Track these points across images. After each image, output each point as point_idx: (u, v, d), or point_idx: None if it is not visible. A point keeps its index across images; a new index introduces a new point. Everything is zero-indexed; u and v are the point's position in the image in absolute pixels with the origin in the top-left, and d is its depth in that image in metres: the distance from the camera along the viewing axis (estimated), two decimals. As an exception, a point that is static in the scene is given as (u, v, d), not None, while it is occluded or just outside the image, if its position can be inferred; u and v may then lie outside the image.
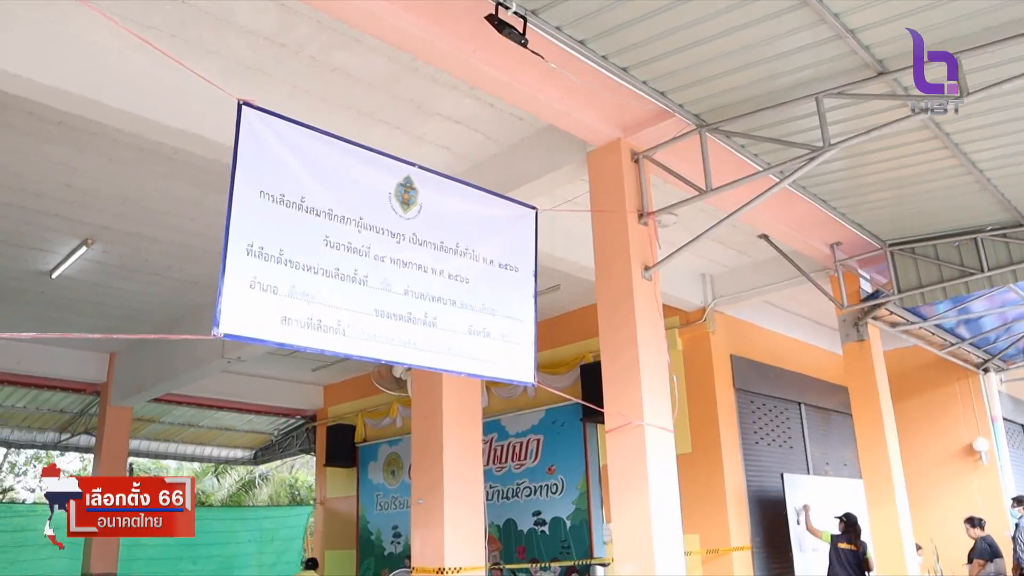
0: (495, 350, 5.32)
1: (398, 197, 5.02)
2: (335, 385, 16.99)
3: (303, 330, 4.40)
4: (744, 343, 11.52)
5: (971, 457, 12.79)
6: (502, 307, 5.40)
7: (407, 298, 4.91)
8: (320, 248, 4.59)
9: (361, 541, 15.93)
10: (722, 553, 10.35)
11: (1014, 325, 12.26)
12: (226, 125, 4.44)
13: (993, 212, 7.92)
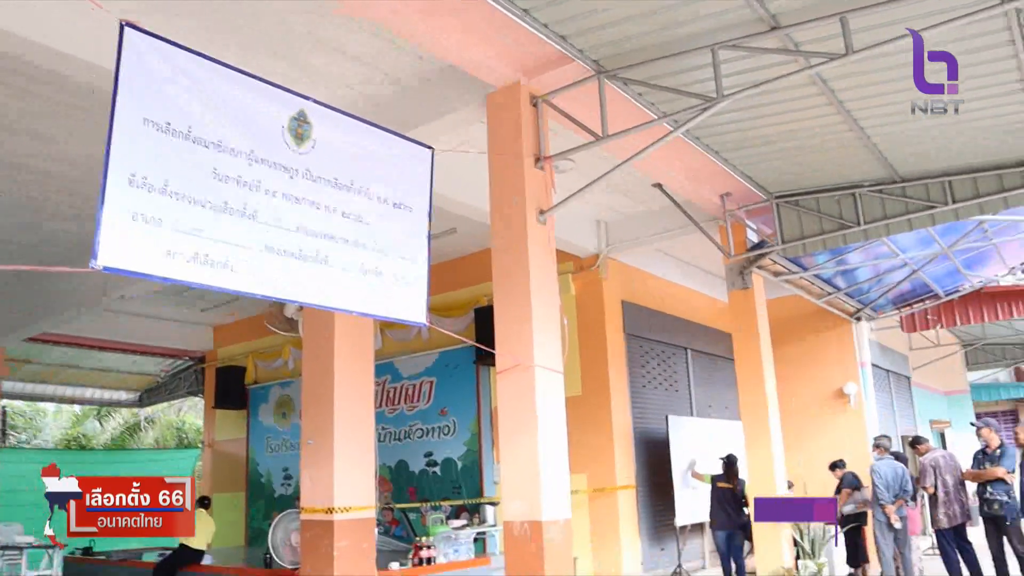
0: (387, 290, 5.28)
1: (291, 131, 4.88)
2: (225, 326, 16.60)
3: (188, 265, 4.26)
4: (635, 289, 11.81)
5: (841, 400, 13.55)
6: (395, 247, 5.35)
7: (298, 235, 4.81)
8: (208, 181, 4.42)
9: (251, 484, 15.79)
10: (608, 492, 10.71)
11: (885, 277, 12.94)
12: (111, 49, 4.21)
13: (871, 169, 8.28)
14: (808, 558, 9.15)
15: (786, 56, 6.01)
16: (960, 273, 13.09)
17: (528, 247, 5.98)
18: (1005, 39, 5.81)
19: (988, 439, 9.51)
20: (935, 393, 19.98)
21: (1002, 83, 6.43)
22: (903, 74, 6.37)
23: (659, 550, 11.49)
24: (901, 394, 17.01)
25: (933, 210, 8.28)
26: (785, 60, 6.11)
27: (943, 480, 9.62)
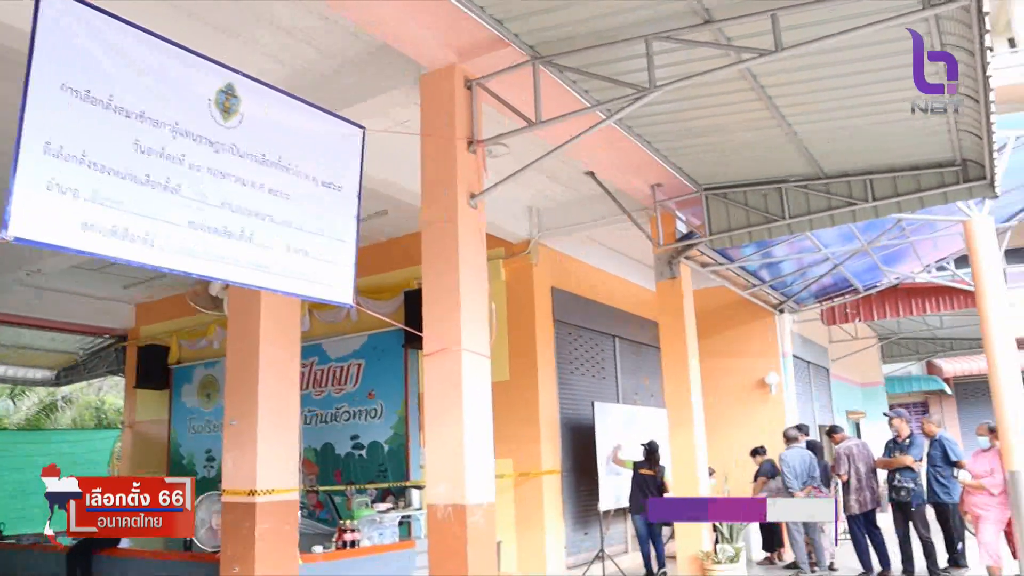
0: (314, 269, 5.21)
1: (219, 104, 4.77)
2: (148, 304, 16.16)
3: (106, 238, 4.13)
4: (565, 276, 11.89)
5: (763, 389, 13.91)
6: (323, 226, 5.29)
7: (223, 211, 4.71)
8: (129, 152, 4.29)
9: (172, 465, 15.45)
10: (533, 476, 10.79)
11: (808, 270, 13.31)
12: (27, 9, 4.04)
13: (798, 164, 8.47)
14: (726, 542, 9.38)
15: (718, 50, 6.10)
16: (879, 269, 13.54)
17: (458, 231, 5.96)
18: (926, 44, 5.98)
19: (899, 429, 9.88)
20: (852, 384, 20.65)
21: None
22: (830, 72, 6.56)
23: (583, 534, 11.64)
24: (820, 385, 17.54)
25: (854, 207, 8.52)
26: (717, 54, 6.21)
27: (856, 468, 9.97)
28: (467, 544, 5.64)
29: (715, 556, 9.27)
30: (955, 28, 5.60)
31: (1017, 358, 9.03)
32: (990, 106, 6.28)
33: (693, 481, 9.70)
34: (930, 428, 9.87)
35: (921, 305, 14.72)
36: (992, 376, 8.93)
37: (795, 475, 10.26)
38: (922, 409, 25.96)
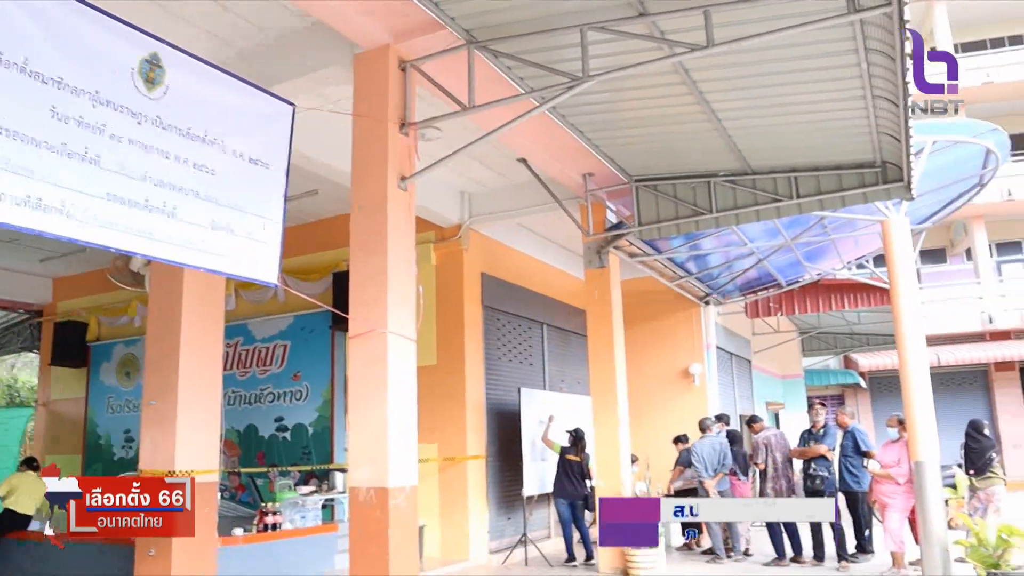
0: (239, 247, 5.12)
1: (142, 74, 4.63)
2: (66, 278, 15.65)
3: (18, 208, 3.98)
4: (495, 262, 11.91)
5: (686, 379, 14.19)
6: (249, 203, 5.20)
7: (145, 184, 4.59)
8: (45, 119, 4.15)
9: (88, 446, 15.03)
10: (458, 461, 10.83)
11: (734, 264, 13.60)
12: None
13: (726, 160, 8.63)
14: (646, 528, 9.53)
15: (652, 43, 6.17)
16: (801, 265, 13.91)
17: (388, 213, 5.93)
18: (851, 48, 6.15)
19: (815, 418, 10.20)
20: (773, 376, 21.20)
21: (846, 88, 6.80)
22: (760, 71, 6.70)
23: (506, 519, 11.73)
24: (742, 376, 17.97)
25: (779, 203, 8.72)
26: (651, 47, 6.27)
27: (773, 457, 10.25)
28: (388, 527, 5.64)
29: (635, 541, 9.43)
30: (878, 34, 5.77)
31: (926, 354, 9.38)
32: (907, 111, 6.48)
33: (616, 468, 9.86)
34: (844, 419, 10.19)
35: (840, 301, 15.18)
36: (903, 371, 9.26)
37: (704, 465, 10.51)
38: (839, 401, 26.80)
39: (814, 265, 14.39)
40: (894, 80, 6.19)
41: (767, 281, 14.93)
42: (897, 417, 9.54)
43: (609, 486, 9.83)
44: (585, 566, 10.31)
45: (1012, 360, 25.81)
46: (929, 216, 13.37)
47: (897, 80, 6.09)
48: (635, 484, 10.09)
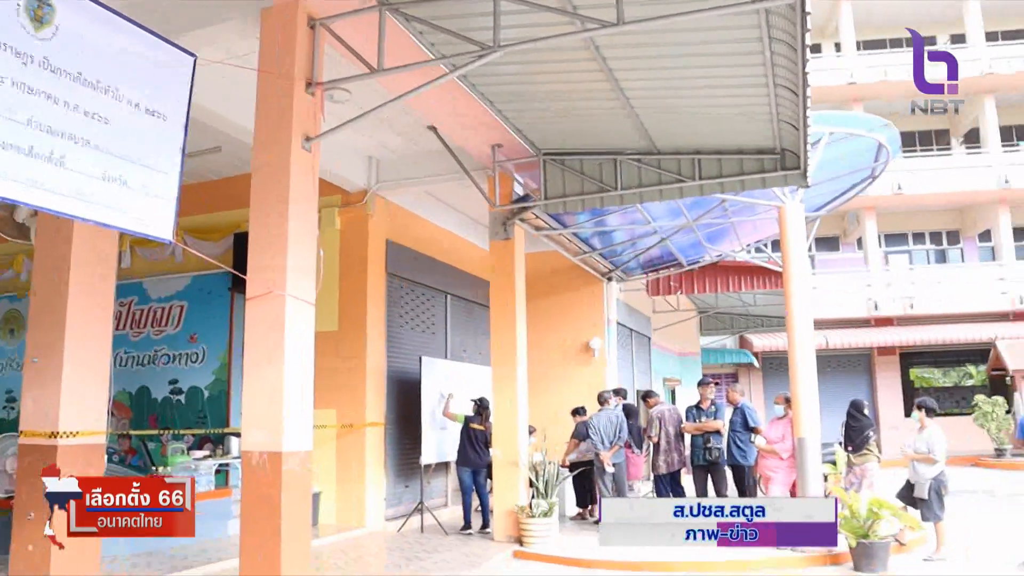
0: (132, 201, 4.92)
1: (28, 11, 4.37)
2: (-56, 228, 14.79)
3: None
4: (401, 229, 11.83)
5: (587, 353, 14.43)
6: (144, 156, 4.99)
7: (31, 130, 4.35)
8: (-81, 56, 3.90)
9: (-34, 404, 14.36)
10: (356, 428, 10.78)
11: (638, 242, 13.86)
12: None
13: (633, 138, 8.77)
14: (541, 498, 9.71)
15: (564, 17, 6.19)
16: (702, 245, 14.28)
17: (290, 173, 5.81)
18: (756, 36, 6.31)
19: (706, 395, 10.55)
20: (671, 353, 21.76)
21: (751, 75, 6.98)
22: (668, 52, 6.81)
23: (403, 487, 11.76)
24: (641, 352, 18.38)
25: (682, 184, 8.92)
26: (563, 21, 6.29)
27: (666, 431, 10.57)
28: (281, 492, 5.58)
29: (530, 510, 9.59)
30: (782, 24, 5.94)
31: (813, 337, 9.79)
32: (807, 100, 6.70)
33: (513, 438, 9.98)
34: (734, 396, 10.57)
35: (737, 283, 15.65)
36: (791, 352, 9.65)
37: (601, 437, 10.75)
38: (733, 380, 27.74)
39: (714, 247, 14.79)
40: (795, 70, 6.39)
41: (669, 260, 15.28)
42: (784, 395, 9.95)
43: (506, 456, 9.96)
44: (480, 534, 10.44)
45: (893, 346, 27.20)
46: (824, 205, 13.90)
47: (798, 70, 6.28)
48: (532, 455, 10.24)
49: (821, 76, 27.23)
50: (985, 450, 23.49)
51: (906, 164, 27.40)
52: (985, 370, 27.03)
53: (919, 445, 8.92)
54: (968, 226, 29.01)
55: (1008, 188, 26.66)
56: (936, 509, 8.74)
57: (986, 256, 28.77)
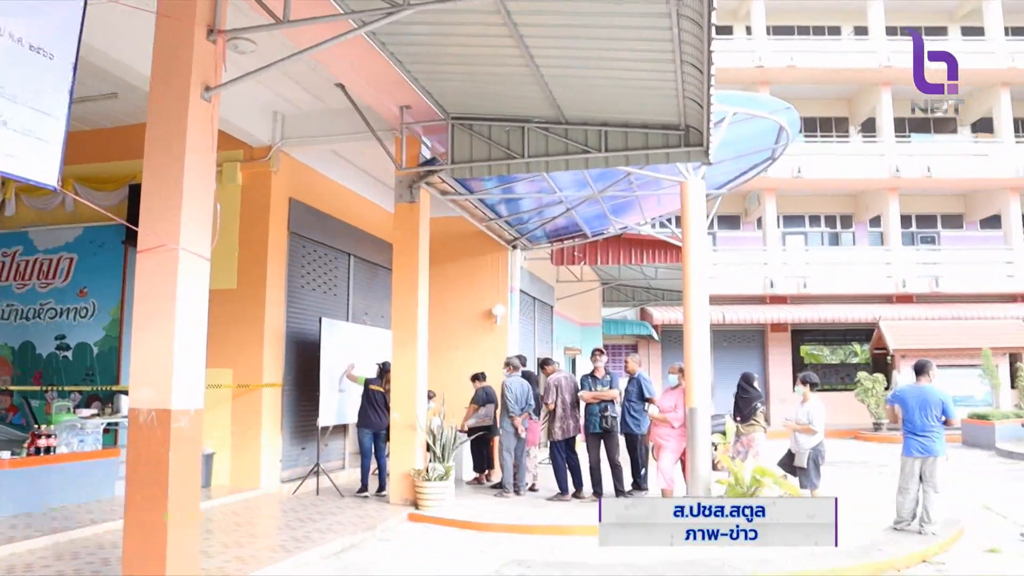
0: (13, 143, 4.66)
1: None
2: None
3: None
4: (305, 188, 11.61)
5: (489, 320, 14.50)
6: (28, 96, 4.73)
7: (-100, 62, 4.09)
8: None
9: None
10: (253, 388, 10.61)
11: (544, 211, 13.96)
12: None
13: (541, 107, 8.78)
14: (438, 461, 9.77)
15: (476, -23, 6.15)
16: (607, 217, 14.48)
17: (188, 123, 5.61)
18: (665, 11, 6.38)
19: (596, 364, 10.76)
20: (572, 323, 22.08)
21: (659, 51, 7.05)
22: (578, 22, 6.83)
23: (300, 449, 11.65)
24: (543, 320, 18.59)
25: (588, 155, 9.00)
26: (476, -19, 6.25)
27: (563, 398, 10.73)
28: (170, 451, 5.46)
29: (426, 474, 9.64)
30: (690, 1, 6.02)
31: (708, 311, 10.07)
32: (711, 78, 6.83)
33: (411, 402, 10.00)
34: (631, 367, 10.81)
35: (640, 256, 15.92)
36: (686, 324, 9.91)
37: (515, 400, 10.88)
38: (634, 351, 28.35)
39: (619, 219, 15.01)
40: (701, 48, 6.50)
41: (574, 231, 15.44)
42: (678, 366, 10.23)
43: (403, 419, 9.97)
44: (377, 497, 10.45)
45: (786, 323, 28.27)
46: (726, 183, 14.24)
47: (703, 48, 6.40)
48: (431, 419, 10.27)
49: (730, 58, 27.83)
50: (865, 424, 24.75)
51: (807, 148, 28.36)
52: (868, 349, 28.38)
53: (800, 417, 9.34)
54: (860, 211, 30.26)
55: (898, 177, 27.89)
56: (813, 477, 9.18)
57: (875, 241, 30.09)
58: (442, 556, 7.64)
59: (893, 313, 26.90)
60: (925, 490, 8.37)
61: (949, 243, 30.34)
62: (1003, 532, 8.94)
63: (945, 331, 25.78)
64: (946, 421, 8.40)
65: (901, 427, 8.58)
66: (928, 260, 28.78)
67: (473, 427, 11.93)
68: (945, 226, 30.84)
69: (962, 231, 30.68)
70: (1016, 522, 9.28)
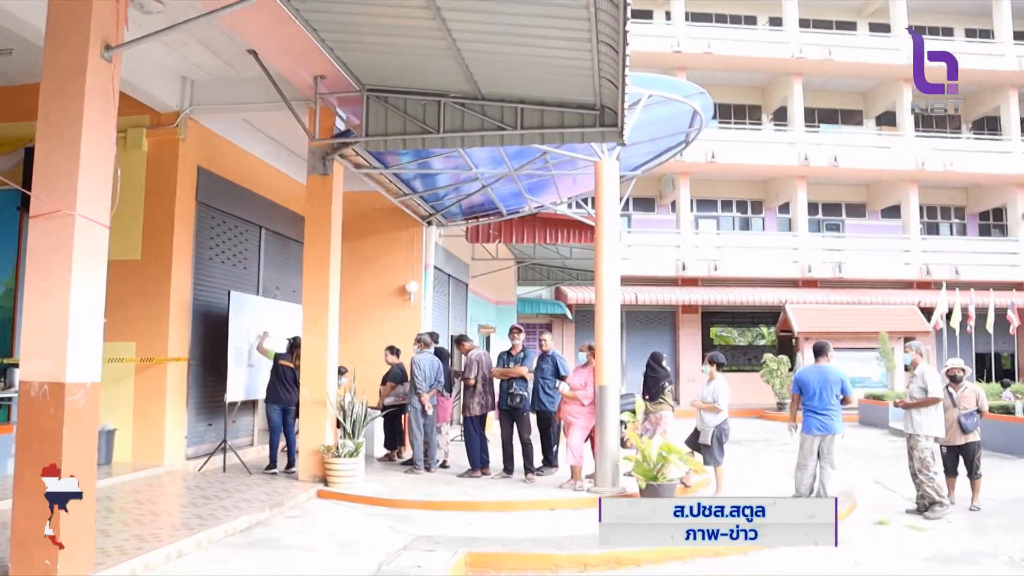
0: None
1: None
2: None
3: None
4: (215, 157, 11.26)
5: (402, 296, 14.41)
6: (-92, 47, 4.47)
7: None
8: None
9: None
10: (157, 362, 10.30)
11: (461, 187, 13.90)
12: None
13: (458, 81, 8.68)
14: (348, 438, 9.68)
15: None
16: (522, 196, 14.51)
17: (86, 83, 5.36)
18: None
19: (513, 342, 10.81)
20: (487, 301, 22.11)
21: (576, 29, 7.03)
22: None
23: (207, 425, 11.39)
24: (458, 298, 18.57)
25: (504, 131, 8.96)
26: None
27: (483, 374, 10.76)
28: (64, 425, 5.25)
29: (336, 450, 9.54)
30: (608, -19, 6.04)
31: (619, 291, 10.21)
32: (626, 59, 6.88)
33: (322, 378, 9.86)
34: (545, 345, 10.88)
35: (555, 235, 16.02)
36: (598, 303, 10.03)
37: (424, 377, 10.84)
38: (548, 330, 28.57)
39: (535, 198, 15.07)
40: (617, 27, 6.52)
41: (490, 208, 15.42)
42: (588, 344, 10.35)
43: (313, 395, 9.83)
44: (286, 474, 10.31)
45: (697, 304, 28.94)
46: (640, 165, 14.45)
47: (619, 28, 6.43)
48: (342, 395, 10.16)
49: (649, 42, 28.15)
50: (770, 404, 25.58)
51: (721, 135, 28.97)
52: (775, 331, 29.30)
53: (706, 395, 9.57)
54: (771, 198, 31.11)
55: (807, 165, 28.78)
56: (716, 454, 9.44)
57: (784, 227, 31.02)
58: (350, 532, 7.59)
59: (799, 297, 27.83)
60: (822, 466, 8.71)
61: (853, 231, 31.52)
62: (892, 505, 9.42)
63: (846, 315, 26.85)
64: (843, 399, 8.77)
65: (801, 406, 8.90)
66: (833, 247, 29.85)
67: (389, 405, 11.86)
68: (849, 215, 32.01)
69: (865, 220, 31.88)
70: (904, 496, 9.73)
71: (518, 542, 7.17)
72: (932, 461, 8.88)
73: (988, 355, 27.11)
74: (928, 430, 8.91)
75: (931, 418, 8.94)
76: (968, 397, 9.55)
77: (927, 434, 8.91)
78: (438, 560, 6.41)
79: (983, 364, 27.96)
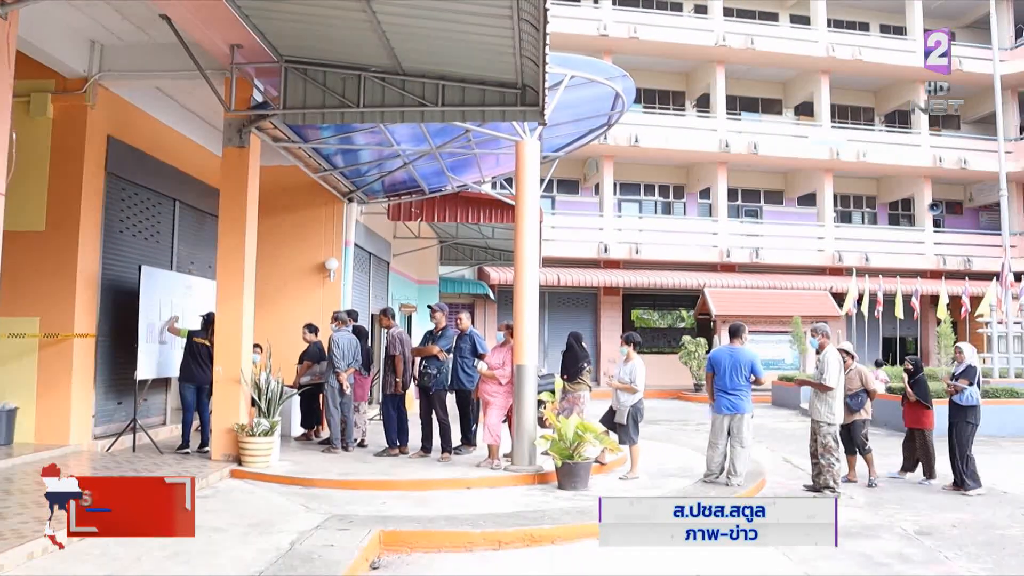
0: None
1: None
2: None
3: None
4: (126, 126, 10.85)
5: (322, 274, 14.21)
6: None
7: None
8: None
9: None
10: (62, 339, 9.92)
11: (383, 164, 13.74)
12: None
13: (379, 55, 8.56)
14: (263, 416, 9.52)
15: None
16: (445, 175, 14.43)
17: (-21, 42, 5.13)
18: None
19: (438, 321, 10.77)
20: (410, 280, 21.98)
21: (498, 6, 6.99)
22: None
23: (116, 404, 11.06)
24: (379, 276, 18.41)
25: (424, 108, 8.89)
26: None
27: (404, 352, 10.70)
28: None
29: (250, 429, 9.37)
30: (530, -41, 6.02)
31: (537, 271, 10.24)
32: (546, 37, 6.88)
33: (236, 355, 9.67)
34: (463, 324, 10.86)
35: (477, 214, 15.96)
36: (516, 283, 10.04)
37: (342, 356, 10.73)
38: (470, 310, 28.59)
39: (457, 177, 14.99)
40: (538, 4, 6.52)
41: (412, 186, 15.28)
42: (507, 323, 10.37)
43: (227, 373, 9.64)
44: (199, 453, 10.10)
45: (618, 286, 29.32)
46: (563, 146, 14.52)
47: (539, 4, 6.42)
48: (258, 374, 9.97)
49: (576, 24, 28.23)
50: (687, 385, 26.14)
51: (645, 119, 29.31)
52: (694, 314, 29.90)
53: (623, 375, 9.70)
54: (692, 183, 31.66)
55: (727, 152, 29.37)
56: (632, 434, 9.60)
57: (704, 212, 31.62)
58: (263, 512, 7.47)
59: (717, 281, 28.46)
60: (732, 445, 8.95)
61: (770, 217, 32.34)
62: (799, 483, 9.74)
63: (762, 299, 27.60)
64: (755, 380, 9.00)
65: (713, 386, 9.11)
66: (751, 232, 30.58)
67: (305, 384, 11.70)
68: (767, 201, 32.82)
69: (782, 207, 32.73)
70: (809, 472, 10.08)
71: (432, 520, 7.17)
72: (835, 446, 9.12)
73: (894, 339, 28.18)
74: (828, 417, 9.15)
75: (830, 405, 9.16)
76: (852, 379, 9.92)
77: (827, 421, 9.15)
78: (351, 538, 6.37)
79: (890, 348, 29.09)
